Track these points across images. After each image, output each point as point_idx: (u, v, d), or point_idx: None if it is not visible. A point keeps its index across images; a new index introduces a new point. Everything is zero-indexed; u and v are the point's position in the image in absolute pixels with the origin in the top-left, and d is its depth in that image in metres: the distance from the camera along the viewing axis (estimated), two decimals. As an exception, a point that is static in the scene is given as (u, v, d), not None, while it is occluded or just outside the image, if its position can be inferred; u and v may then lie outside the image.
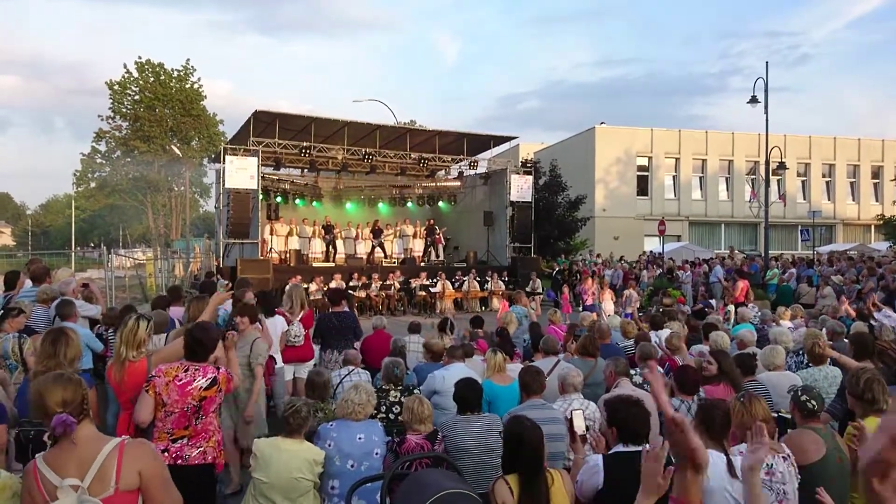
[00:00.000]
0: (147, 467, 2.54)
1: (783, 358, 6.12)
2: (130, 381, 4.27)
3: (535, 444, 3.30)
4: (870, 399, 3.99)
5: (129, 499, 2.50)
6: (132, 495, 2.51)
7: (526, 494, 3.19)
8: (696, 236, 37.37)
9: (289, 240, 22.95)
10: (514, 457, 3.33)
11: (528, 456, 3.27)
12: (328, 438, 4.26)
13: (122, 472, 2.46)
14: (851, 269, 17.38)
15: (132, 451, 2.53)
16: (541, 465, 3.32)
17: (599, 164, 36.52)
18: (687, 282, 20.51)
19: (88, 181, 54.25)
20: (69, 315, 6.43)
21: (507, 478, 3.31)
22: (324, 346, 7.88)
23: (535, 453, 3.29)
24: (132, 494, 2.51)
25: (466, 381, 4.78)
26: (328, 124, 21.75)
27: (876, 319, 9.33)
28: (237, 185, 19.43)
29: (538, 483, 3.23)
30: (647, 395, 5.22)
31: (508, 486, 3.25)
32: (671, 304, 13.23)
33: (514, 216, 23.93)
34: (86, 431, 2.53)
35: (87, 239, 67.79)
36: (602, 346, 6.98)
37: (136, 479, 2.50)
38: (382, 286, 20.12)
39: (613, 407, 3.57)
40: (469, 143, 23.85)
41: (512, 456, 3.34)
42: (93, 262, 33.51)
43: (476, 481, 4.21)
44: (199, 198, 57.47)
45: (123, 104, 47.19)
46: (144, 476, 2.52)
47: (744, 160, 38.30)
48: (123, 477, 2.46)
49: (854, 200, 40.20)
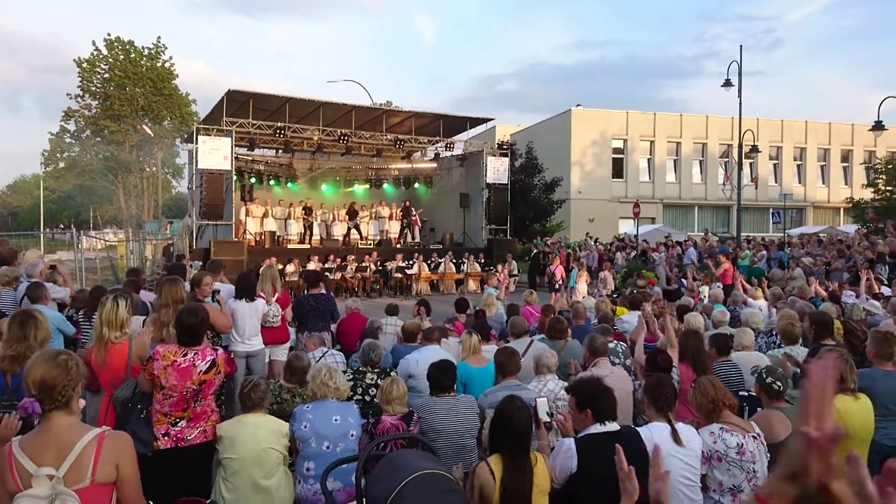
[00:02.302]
0: (125, 462, 2.48)
1: (752, 339, 6.24)
2: (113, 363, 4.23)
3: (523, 425, 3.32)
4: (838, 378, 4.08)
5: (104, 492, 2.43)
6: (107, 489, 2.44)
7: (511, 474, 3.20)
8: (670, 219, 37.73)
9: (264, 221, 22.74)
10: (501, 436, 3.33)
11: (515, 435, 3.28)
12: (304, 420, 4.25)
13: (99, 464, 2.40)
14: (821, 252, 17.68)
15: (111, 444, 2.46)
16: (528, 445, 3.34)
17: (575, 147, 36.62)
18: (660, 263, 20.71)
19: (57, 161, 53.08)
20: (39, 298, 6.30)
21: (490, 460, 3.33)
22: (301, 329, 7.83)
23: (524, 434, 3.31)
24: (107, 488, 2.44)
25: (440, 363, 4.79)
26: (303, 105, 21.49)
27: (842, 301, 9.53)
28: (210, 166, 19.14)
29: (524, 463, 3.25)
30: (623, 374, 5.30)
31: (489, 468, 3.27)
32: (645, 285, 13.39)
33: (490, 198, 23.92)
34: (63, 420, 2.45)
35: (57, 220, 66.49)
36: (576, 326, 7.05)
37: (114, 473, 2.44)
38: (358, 268, 20.05)
39: (581, 390, 3.61)
40: (445, 125, 23.74)
41: (500, 435, 3.34)
42: (63, 244, 32.90)
43: (451, 462, 4.22)
44: (171, 179, 56.52)
45: (93, 82, 46.11)
46: (122, 471, 2.46)
47: (717, 143, 38.67)
48: (100, 469, 2.40)
49: (824, 184, 40.83)
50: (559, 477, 3.37)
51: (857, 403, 4.06)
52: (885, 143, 35.70)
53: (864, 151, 39.78)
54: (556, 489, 3.37)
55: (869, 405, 4.06)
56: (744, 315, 7.51)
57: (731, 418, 3.82)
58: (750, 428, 3.82)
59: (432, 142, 24.52)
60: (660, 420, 3.72)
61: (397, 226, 24.79)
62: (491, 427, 3.40)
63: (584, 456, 3.30)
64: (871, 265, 14.01)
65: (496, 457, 3.33)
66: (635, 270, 19.20)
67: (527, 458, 3.27)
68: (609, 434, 3.38)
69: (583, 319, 7.83)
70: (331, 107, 21.93)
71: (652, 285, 14.91)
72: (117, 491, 2.47)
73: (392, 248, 22.64)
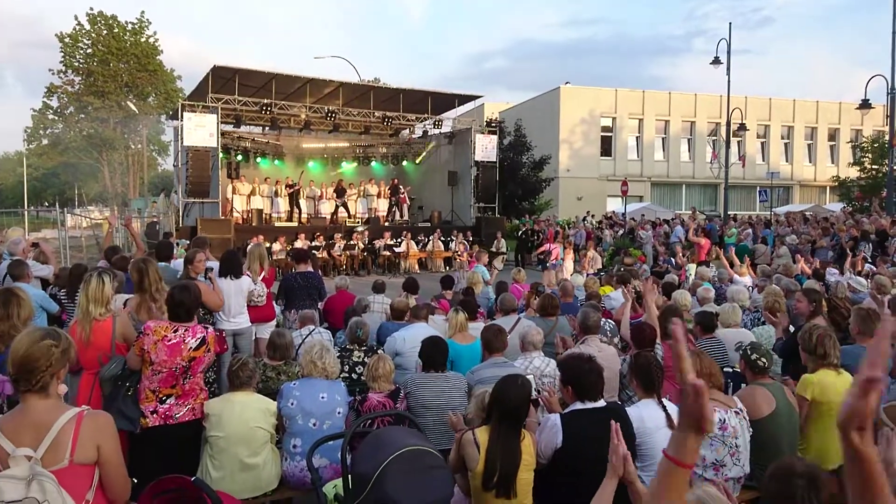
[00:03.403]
0: (105, 442, 2.43)
1: (739, 315, 6.29)
2: (98, 340, 4.21)
3: (521, 400, 3.32)
4: (822, 354, 4.13)
5: (84, 472, 2.39)
6: (88, 469, 2.40)
7: (500, 446, 3.21)
8: (658, 197, 37.83)
9: (251, 199, 22.59)
10: (497, 409, 3.31)
11: (511, 409, 3.28)
12: (291, 397, 4.24)
13: (77, 444, 2.36)
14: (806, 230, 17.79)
15: (90, 424, 2.41)
16: (522, 420, 3.34)
17: (564, 125, 36.53)
18: (648, 242, 20.79)
19: (40, 138, 52.46)
20: (21, 276, 6.24)
21: (476, 431, 3.34)
22: (287, 306, 7.81)
23: (520, 409, 3.31)
24: (88, 468, 2.40)
25: (434, 339, 4.78)
26: (290, 81, 21.26)
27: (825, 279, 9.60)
28: (196, 143, 18.92)
29: (515, 436, 3.26)
30: (612, 352, 5.32)
31: (475, 438, 3.28)
32: (632, 263, 13.44)
33: (478, 176, 23.84)
34: (40, 402, 2.41)
35: (41, 198, 65.72)
36: (564, 304, 7.06)
37: (94, 454, 2.40)
38: (346, 246, 20.00)
39: (567, 365, 3.61)
40: (434, 102, 23.58)
41: (496, 408, 3.32)
42: (48, 222, 32.60)
43: (438, 439, 4.25)
44: (157, 156, 56.02)
45: (75, 58, 45.42)
46: (102, 451, 2.42)
47: (706, 122, 38.69)
48: (79, 449, 2.36)
49: (811, 162, 41.01)
50: (545, 452, 3.38)
51: (840, 379, 4.10)
52: (871, 121, 35.84)
53: (851, 130, 39.95)
54: (543, 465, 3.38)
55: (851, 381, 4.10)
56: (730, 292, 7.56)
57: (714, 394, 3.85)
58: (732, 403, 3.86)
59: (421, 119, 24.37)
60: (649, 398, 3.73)
61: (385, 203, 24.72)
62: (490, 401, 3.38)
63: (569, 431, 3.31)
64: (854, 243, 14.12)
65: (483, 429, 3.34)
66: (623, 248, 19.27)
67: (517, 434, 3.28)
68: (594, 410, 3.39)
69: (570, 297, 7.85)
70: (318, 83, 21.71)
71: (642, 262, 14.97)
72: (100, 471, 2.44)
73: (380, 226, 22.59)
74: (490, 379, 4.67)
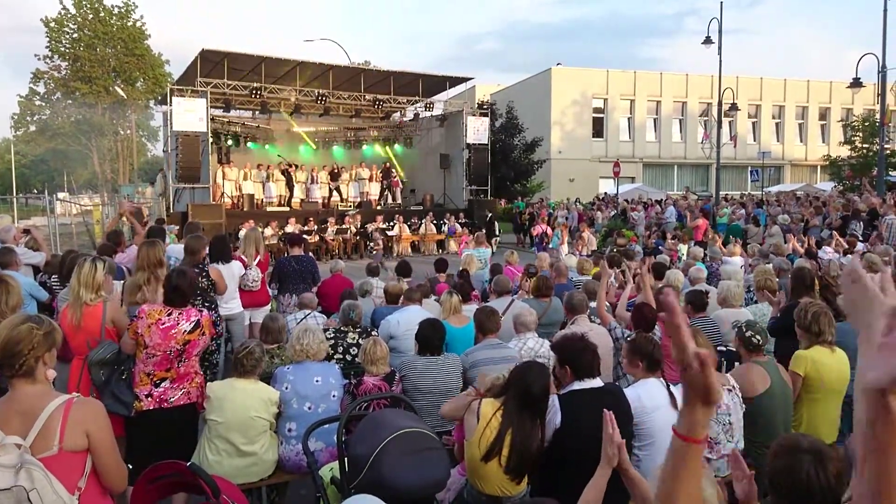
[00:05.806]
0: (95, 429, 2.41)
1: (742, 295, 6.28)
2: (88, 325, 4.20)
3: (544, 392, 3.30)
4: (816, 331, 4.14)
5: (74, 460, 2.36)
6: (78, 457, 2.37)
7: (517, 430, 3.21)
8: (650, 178, 37.86)
9: (242, 184, 22.47)
10: (519, 393, 3.29)
11: (532, 399, 3.26)
12: (285, 381, 4.22)
13: (66, 431, 2.33)
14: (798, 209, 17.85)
15: (80, 410, 2.39)
16: (542, 411, 3.31)
17: (556, 106, 36.42)
18: (640, 223, 20.81)
19: (28, 124, 51.97)
20: (10, 263, 6.17)
21: (483, 402, 3.36)
22: (281, 290, 7.79)
23: (539, 400, 3.28)
24: (78, 456, 2.37)
25: (431, 321, 4.77)
26: (279, 64, 21.06)
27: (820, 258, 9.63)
28: (185, 128, 18.77)
29: (532, 423, 3.24)
30: (602, 331, 5.32)
31: (478, 409, 3.33)
32: (625, 244, 13.44)
33: (470, 158, 23.77)
34: (27, 388, 2.39)
35: (30, 185, 65.21)
36: (558, 285, 7.06)
37: (83, 441, 2.37)
38: (339, 230, 19.95)
39: (561, 346, 3.60)
40: (425, 85, 23.44)
41: (518, 392, 3.29)
42: (38, 209, 32.30)
43: (433, 421, 4.25)
44: (146, 142, 55.71)
45: (61, 43, 44.90)
46: (93, 438, 2.39)
47: (697, 102, 38.65)
48: (68, 436, 2.33)
49: (802, 142, 41.10)
50: (545, 433, 3.38)
51: (834, 356, 4.12)
52: (862, 100, 35.84)
53: (842, 109, 40.01)
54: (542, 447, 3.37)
55: (845, 358, 4.12)
56: (726, 272, 7.58)
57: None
58: (725, 381, 3.87)
59: (412, 102, 24.23)
60: (651, 377, 3.70)
61: (378, 187, 24.64)
62: (510, 384, 3.36)
63: (568, 411, 3.31)
64: (844, 222, 14.17)
65: (489, 402, 3.34)
66: (615, 229, 19.28)
67: (535, 422, 3.25)
68: (592, 390, 3.38)
69: (564, 278, 7.85)
70: (307, 66, 21.52)
71: (634, 243, 14.99)
72: (92, 458, 2.42)
73: (373, 210, 22.52)
74: (484, 360, 4.68)
